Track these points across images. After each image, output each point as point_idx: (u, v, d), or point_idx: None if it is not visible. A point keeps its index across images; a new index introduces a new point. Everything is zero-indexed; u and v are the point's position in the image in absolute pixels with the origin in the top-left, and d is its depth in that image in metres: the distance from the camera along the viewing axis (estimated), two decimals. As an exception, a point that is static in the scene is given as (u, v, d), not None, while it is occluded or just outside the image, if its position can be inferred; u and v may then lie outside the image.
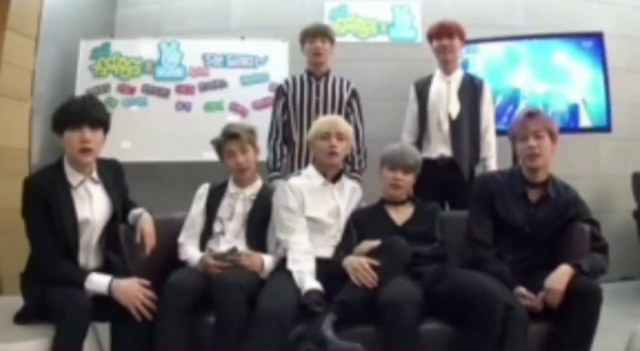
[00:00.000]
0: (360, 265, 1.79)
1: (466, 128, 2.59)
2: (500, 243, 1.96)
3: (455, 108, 2.58)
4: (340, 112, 2.64)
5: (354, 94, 2.74)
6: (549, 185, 1.97)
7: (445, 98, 2.61)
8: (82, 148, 1.68)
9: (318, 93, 2.68)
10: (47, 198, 1.64)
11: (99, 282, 1.65)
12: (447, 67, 2.65)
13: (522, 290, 1.77)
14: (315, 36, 2.67)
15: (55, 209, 1.65)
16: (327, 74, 2.73)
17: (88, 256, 1.78)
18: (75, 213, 1.70)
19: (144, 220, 1.87)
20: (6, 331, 1.60)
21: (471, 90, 2.64)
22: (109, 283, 1.65)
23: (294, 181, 2.12)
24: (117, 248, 1.86)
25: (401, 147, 2.13)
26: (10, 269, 2.34)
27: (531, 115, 1.97)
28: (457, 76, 2.67)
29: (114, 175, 1.88)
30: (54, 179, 1.69)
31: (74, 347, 1.54)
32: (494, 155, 2.63)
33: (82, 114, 1.68)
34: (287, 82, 2.75)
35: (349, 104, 2.71)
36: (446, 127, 2.58)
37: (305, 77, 2.73)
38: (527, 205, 1.96)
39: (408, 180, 2.07)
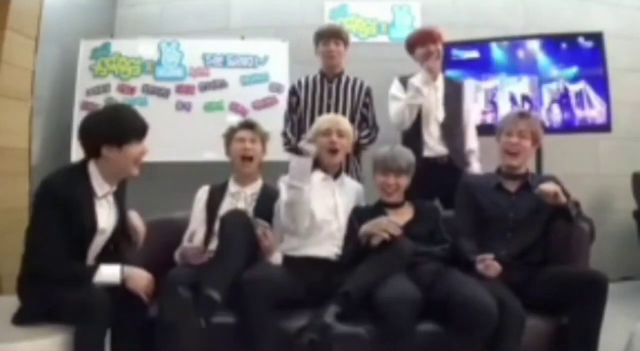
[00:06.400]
0: (383, 219, 1.86)
1: (456, 130, 2.63)
2: (490, 235, 1.98)
3: (441, 114, 2.61)
4: (353, 114, 2.64)
5: (368, 93, 2.73)
6: (527, 177, 2.08)
7: (434, 103, 2.61)
8: (139, 160, 1.70)
9: (330, 96, 2.67)
10: (68, 204, 1.60)
11: (110, 273, 1.64)
12: (433, 73, 2.61)
13: (483, 260, 1.82)
14: (329, 38, 2.66)
15: (76, 216, 1.62)
16: (339, 75, 2.71)
17: (92, 261, 1.77)
18: (96, 222, 1.68)
19: (134, 218, 1.86)
20: (6, 332, 1.60)
21: (454, 94, 2.67)
22: (120, 272, 1.65)
23: None
24: (110, 255, 1.83)
25: (392, 150, 2.11)
26: (11, 269, 2.33)
27: (522, 115, 2.10)
28: (440, 81, 2.68)
29: (123, 186, 1.87)
30: (78, 185, 1.65)
31: (99, 347, 1.56)
32: (474, 148, 2.67)
33: (144, 125, 1.72)
34: (299, 83, 2.75)
35: (365, 105, 2.71)
36: (434, 129, 2.60)
37: (318, 78, 2.72)
38: (506, 194, 2.06)
39: (402, 183, 2.06)
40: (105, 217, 1.73)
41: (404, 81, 2.68)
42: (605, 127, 3.17)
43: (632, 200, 3.34)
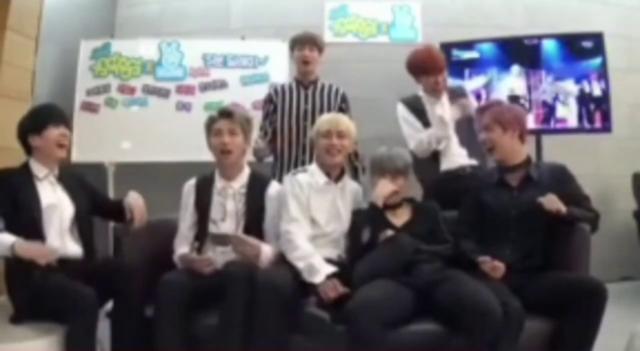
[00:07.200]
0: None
1: (471, 139, 2.49)
2: (494, 233, 1.97)
3: (453, 131, 2.53)
4: None
5: (344, 99, 2.74)
6: (530, 167, 2.03)
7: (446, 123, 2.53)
8: (60, 142, 1.88)
9: (306, 101, 2.69)
10: (13, 187, 1.78)
11: (2, 242, 1.65)
12: (439, 95, 2.54)
13: (484, 260, 1.82)
14: (304, 44, 2.70)
15: (21, 196, 1.78)
16: (315, 82, 2.74)
17: (64, 241, 1.84)
18: (39, 199, 1.81)
19: (131, 197, 1.98)
20: (5, 331, 1.60)
21: (459, 100, 2.59)
22: (10, 244, 1.64)
23: (301, 177, 2.11)
24: (90, 242, 1.95)
25: (388, 150, 2.10)
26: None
27: (482, 109, 2.07)
28: (444, 96, 2.58)
29: (75, 181, 1.99)
30: (21, 172, 1.86)
31: (90, 342, 1.61)
32: None
33: (60, 113, 1.93)
34: (275, 91, 2.77)
35: (341, 110, 2.67)
36: (454, 146, 2.52)
37: (293, 85, 2.75)
38: (509, 189, 2.02)
39: (399, 184, 2.06)
40: (50, 193, 1.86)
41: (407, 103, 2.62)
42: (605, 128, 3.17)
43: (632, 200, 3.35)
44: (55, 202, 1.85)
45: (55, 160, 1.91)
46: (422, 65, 2.56)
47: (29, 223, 1.76)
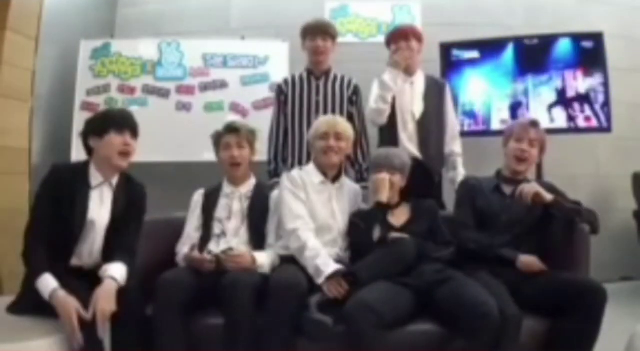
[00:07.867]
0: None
1: (433, 128, 2.57)
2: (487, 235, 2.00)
3: (418, 109, 2.55)
4: (341, 112, 2.59)
5: (356, 91, 2.68)
6: (524, 181, 2.08)
7: (409, 98, 2.57)
8: (123, 151, 1.81)
9: (318, 93, 2.62)
10: (63, 189, 1.72)
11: (46, 285, 1.60)
12: (407, 69, 2.58)
13: (524, 259, 1.88)
14: (316, 33, 2.61)
15: (67, 202, 1.72)
16: (327, 73, 2.66)
17: (92, 256, 1.80)
18: (86, 211, 1.76)
19: (101, 291, 1.62)
20: (4, 331, 1.60)
21: (436, 92, 2.62)
22: (50, 293, 1.59)
23: (297, 174, 2.12)
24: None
25: (387, 150, 2.18)
26: (11, 269, 2.35)
27: (534, 123, 2.12)
28: (419, 77, 2.63)
29: (132, 196, 1.90)
30: (77, 174, 1.79)
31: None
32: (460, 152, 2.65)
33: (126, 120, 1.85)
34: (286, 82, 2.69)
35: (351, 101, 2.64)
36: (411, 126, 2.54)
37: (304, 76, 2.67)
38: (502, 196, 2.09)
39: (395, 181, 2.07)
40: (96, 209, 1.79)
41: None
42: (606, 128, 3.16)
43: (632, 200, 3.34)
44: (95, 219, 1.78)
45: (115, 168, 1.83)
46: (389, 33, 2.74)
47: (66, 238, 1.72)
